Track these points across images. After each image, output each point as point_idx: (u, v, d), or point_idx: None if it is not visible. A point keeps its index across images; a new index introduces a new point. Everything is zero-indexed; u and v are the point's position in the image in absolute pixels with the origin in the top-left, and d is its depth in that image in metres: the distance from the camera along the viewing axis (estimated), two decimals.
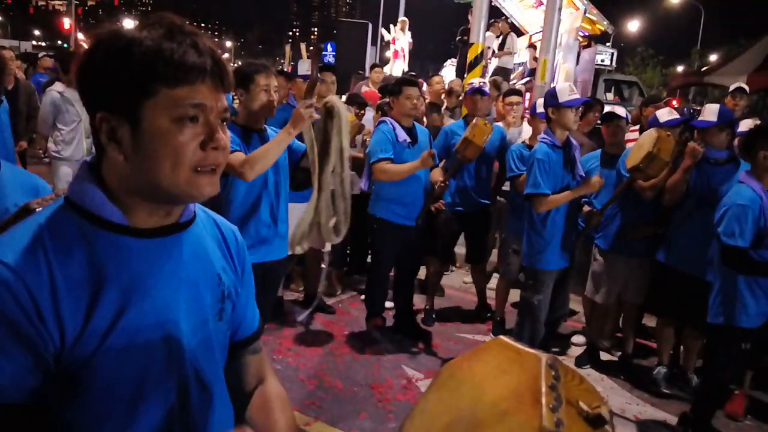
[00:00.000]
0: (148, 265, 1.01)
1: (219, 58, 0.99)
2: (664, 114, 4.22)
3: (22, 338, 0.89)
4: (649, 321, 4.89)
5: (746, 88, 6.35)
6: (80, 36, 26.09)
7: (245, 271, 1.24)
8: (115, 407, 0.98)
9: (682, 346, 4.34)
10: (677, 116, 4.23)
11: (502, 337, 0.92)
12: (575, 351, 4.67)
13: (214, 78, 0.98)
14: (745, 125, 4.50)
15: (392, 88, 4.41)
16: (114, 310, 0.96)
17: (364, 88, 7.50)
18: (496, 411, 0.78)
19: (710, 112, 3.85)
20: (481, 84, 5.01)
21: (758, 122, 4.64)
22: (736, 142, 4.24)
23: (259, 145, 3.03)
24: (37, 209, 1.04)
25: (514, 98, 5.22)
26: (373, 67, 7.73)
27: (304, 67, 4.62)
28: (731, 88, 6.25)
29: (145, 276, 1.00)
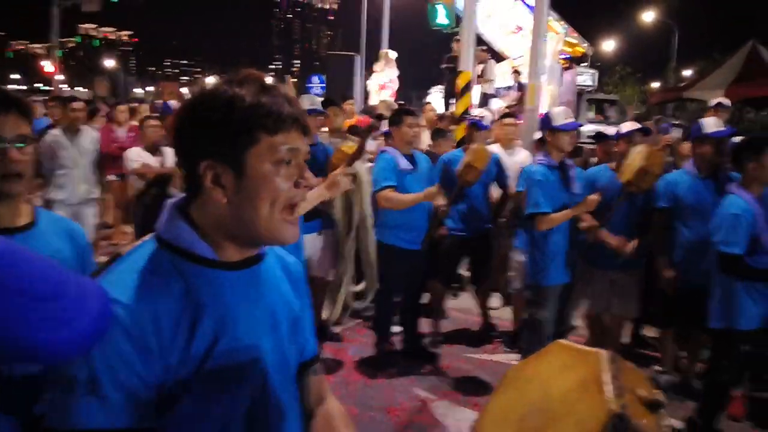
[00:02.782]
0: (237, 294, 1.12)
1: (301, 108, 1.13)
2: (626, 126, 4.47)
3: (132, 370, 0.98)
4: (648, 331, 5.02)
5: (727, 101, 6.57)
6: (60, 77, 26.01)
7: (307, 297, 1.35)
8: (209, 427, 1.07)
9: (684, 353, 4.47)
10: (636, 126, 4.45)
11: (560, 340, 1.04)
12: None
13: (301, 125, 1.12)
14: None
15: (393, 118, 4.57)
16: (210, 337, 1.06)
17: None
18: (567, 400, 0.90)
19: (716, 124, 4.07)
20: (480, 117, 5.23)
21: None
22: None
23: None
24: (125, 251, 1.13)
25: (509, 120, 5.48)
26: (344, 99, 7.87)
27: (307, 102, 4.75)
28: (713, 102, 6.45)
29: (234, 305, 1.11)
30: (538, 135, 5.40)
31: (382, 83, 12.16)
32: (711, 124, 4.05)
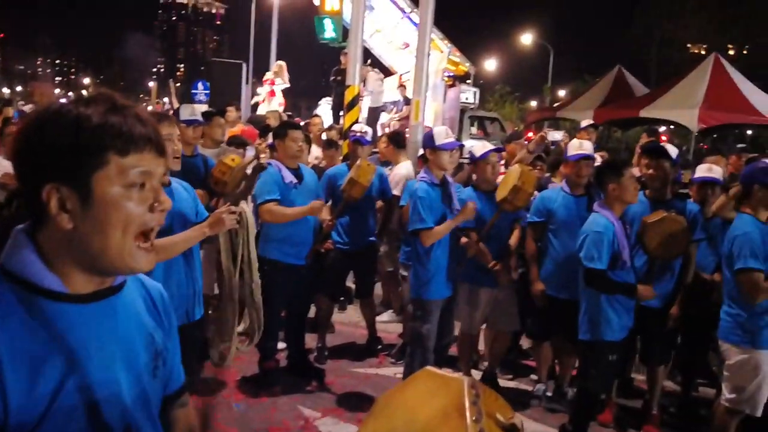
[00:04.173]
0: (88, 329, 1.05)
1: (158, 127, 1.07)
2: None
3: None
4: (525, 342, 5.27)
5: (594, 122, 7.12)
6: None
7: (172, 327, 1.28)
8: None
9: (557, 363, 4.72)
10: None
11: (428, 367, 1.06)
12: None
13: (156, 146, 1.05)
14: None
15: (277, 131, 4.51)
16: (59, 375, 0.99)
17: None
18: (430, 427, 0.92)
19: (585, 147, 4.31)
20: (362, 134, 5.29)
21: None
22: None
23: None
24: None
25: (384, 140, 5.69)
26: (228, 106, 7.66)
27: (188, 111, 4.58)
28: (583, 124, 6.95)
29: (85, 340, 1.04)
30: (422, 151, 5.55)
31: (270, 90, 11.99)
32: (574, 146, 4.33)
